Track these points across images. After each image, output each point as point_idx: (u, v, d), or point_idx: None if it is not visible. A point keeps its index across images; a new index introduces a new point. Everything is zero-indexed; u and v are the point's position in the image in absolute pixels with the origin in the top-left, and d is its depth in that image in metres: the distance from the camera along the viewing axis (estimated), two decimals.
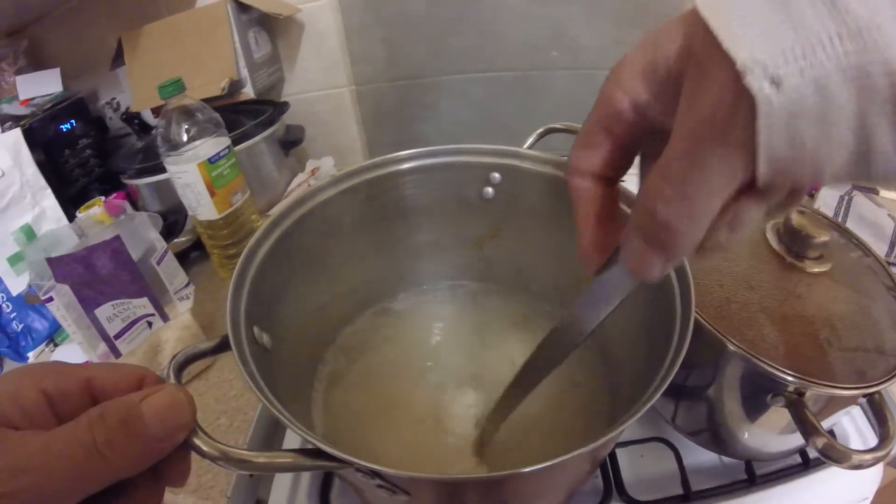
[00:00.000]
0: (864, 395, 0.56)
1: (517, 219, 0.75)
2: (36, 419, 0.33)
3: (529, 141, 0.78)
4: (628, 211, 0.31)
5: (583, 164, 0.34)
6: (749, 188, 0.26)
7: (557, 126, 0.81)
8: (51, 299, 0.74)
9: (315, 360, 0.72)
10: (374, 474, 0.41)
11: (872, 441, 0.71)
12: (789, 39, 0.22)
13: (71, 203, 1.15)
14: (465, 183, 0.74)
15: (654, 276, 0.31)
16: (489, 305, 0.80)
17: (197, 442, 0.36)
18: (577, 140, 0.34)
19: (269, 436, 0.81)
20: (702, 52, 0.25)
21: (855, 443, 0.74)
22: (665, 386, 0.45)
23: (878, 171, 0.23)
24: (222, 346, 0.49)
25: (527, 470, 0.39)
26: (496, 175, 0.73)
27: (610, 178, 0.35)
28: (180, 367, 0.44)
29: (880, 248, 0.94)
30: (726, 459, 0.73)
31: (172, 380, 0.42)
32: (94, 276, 0.75)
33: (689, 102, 0.26)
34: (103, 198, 1.11)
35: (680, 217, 0.27)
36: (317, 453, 0.41)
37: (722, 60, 0.23)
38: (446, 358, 0.75)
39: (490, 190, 0.74)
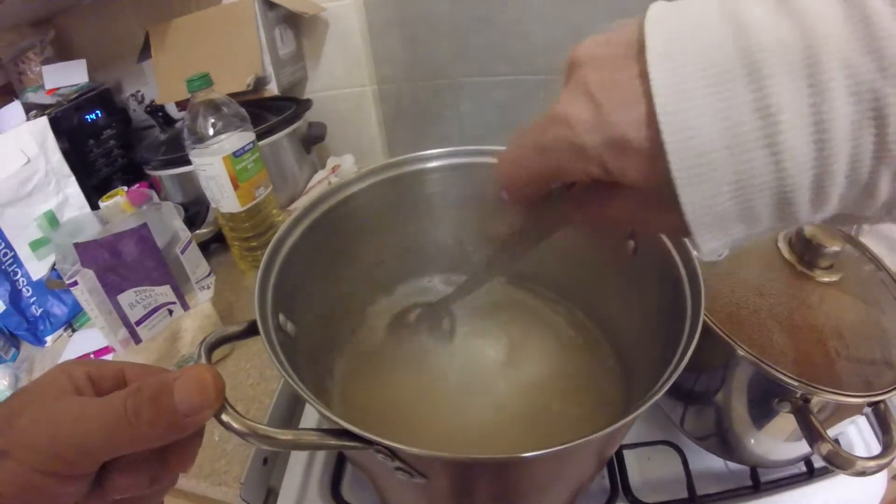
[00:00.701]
0: (870, 404, 0.57)
1: (532, 221, 0.75)
2: (83, 392, 0.37)
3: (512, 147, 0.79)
4: None
5: (525, 193, 0.40)
6: None
7: None
8: (75, 283, 0.76)
9: (335, 350, 0.74)
10: (394, 455, 0.42)
11: (876, 451, 0.72)
12: (740, 233, 0.29)
13: (94, 192, 1.17)
14: (485, 183, 0.74)
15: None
16: (508, 301, 0.81)
17: (226, 418, 0.38)
18: (522, 173, 0.37)
19: (285, 423, 0.82)
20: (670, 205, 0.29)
21: (859, 451, 0.74)
22: (671, 382, 0.45)
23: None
24: (250, 331, 0.50)
25: (544, 452, 0.40)
26: None
27: None
28: (211, 348, 0.45)
29: (893, 261, 0.94)
30: (732, 465, 0.73)
31: (203, 359, 0.43)
32: (120, 262, 0.76)
33: (645, 208, 0.33)
34: (126, 188, 1.13)
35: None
36: (340, 433, 0.42)
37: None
38: (464, 352, 0.76)
39: (506, 192, 0.74)
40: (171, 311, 0.84)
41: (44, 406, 0.35)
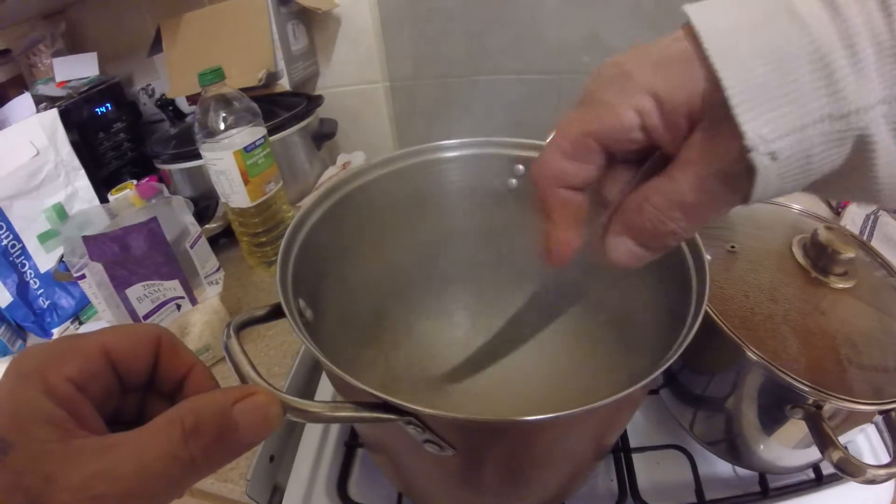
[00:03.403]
0: (881, 412, 0.56)
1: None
2: (74, 410, 0.32)
3: (552, 136, 0.80)
4: None
5: (572, 179, 0.35)
6: None
7: None
8: (83, 276, 0.76)
9: (352, 337, 0.73)
10: (425, 426, 0.42)
11: (884, 458, 0.73)
12: (790, 120, 0.28)
13: (103, 185, 1.17)
14: (493, 173, 0.76)
15: (639, 266, 0.36)
16: (517, 292, 0.81)
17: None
18: (560, 147, 0.35)
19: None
20: (718, 114, 0.29)
21: (867, 460, 0.72)
22: (673, 359, 0.45)
23: (829, 195, 0.35)
24: (274, 314, 0.51)
25: (581, 409, 0.41)
26: (520, 167, 0.75)
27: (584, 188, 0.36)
28: (239, 329, 0.45)
29: None
30: (741, 471, 0.73)
31: (234, 341, 0.43)
32: (128, 256, 0.76)
33: (702, 152, 0.31)
34: (135, 181, 1.13)
35: (682, 231, 0.33)
36: (374, 405, 0.42)
37: (733, 130, 0.28)
38: (476, 334, 0.78)
39: (514, 181, 0.76)
40: (179, 306, 0.84)
41: (59, 457, 0.29)
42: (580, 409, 0.41)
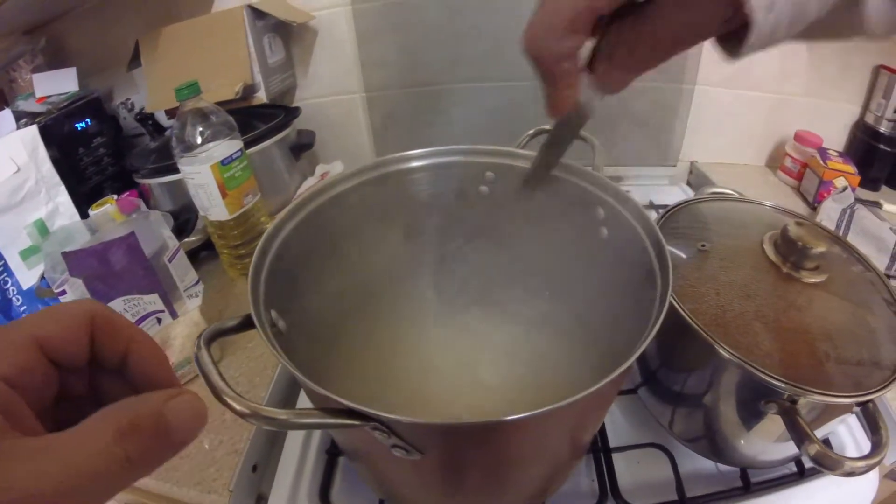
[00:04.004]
0: (858, 404, 0.57)
1: (510, 214, 0.77)
2: (5, 410, 0.30)
3: (522, 141, 0.81)
4: None
5: (568, 49, 0.40)
6: None
7: (548, 128, 0.84)
8: (64, 293, 0.76)
9: (325, 346, 0.73)
10: (390, 431, 0.43)
11: (867, 448, 0.73)
12: None
13: (83, 200, 1.16)
14: (463, 181, 0.77)
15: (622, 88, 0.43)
16: (491, 297, 0.83)
17: (229, 400, 0.39)
18: (556, 26, 0.39)
19: (272, 432, 0.82)
20: None
21: (851, 451, 0.74)
22: (637, 354, 0.45)
23: (814, 39, 0.36)
24: (245, 325, 0.51)
25: (535, 412, 0.41)
26: (490, 174, 0.76)
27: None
28: (209, 341, 0.46)
29: (882, 262, 0.95)
30: (722, 466, 0.73)
31: (204, 351, 0.44)
32: (108, 270, 0.76)
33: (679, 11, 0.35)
34: (115, 196, 1.13)
35: (657, 61, 0.39)
36: (338, 411, 0.42)
37: None
38: (447, 344, 0.79)
39: (485, 188, 0.77)
40: (159, 320, 0.84)
41: None
42: (540, 410, 0.41)
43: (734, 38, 0.36)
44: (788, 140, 1.29)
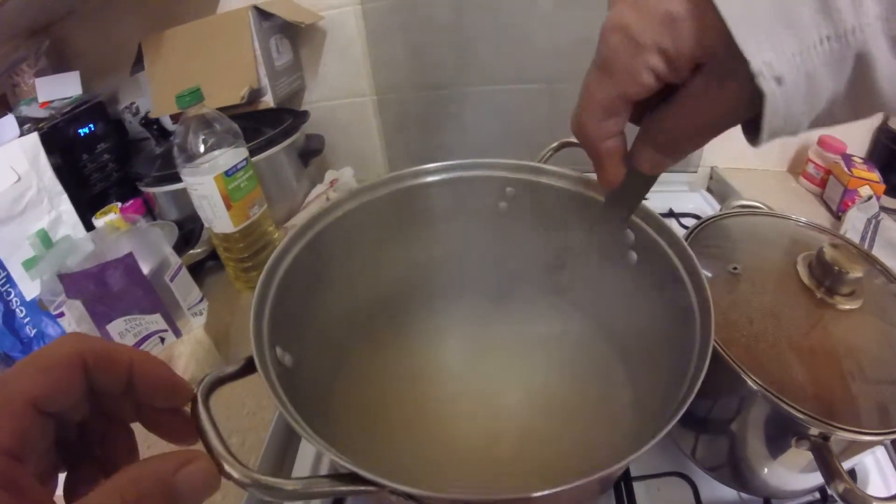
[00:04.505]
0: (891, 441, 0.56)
1: (530, 231, 0.75)
2: (9, 484, 0.29)
3: (545, 155, 0.79)
4: None
5: (609, 131, 0.44)
6: None
7: (573, 140, 0.81)
8: (62, 314, 0.74)
9: (335, 374, 0.72)
10: (409, 497, 0.40)
11: (892, 479, 0.71)
12: (791, 45, 0.32)
13: (88, 207, 1.15)
14: (480, 197, 0.75)
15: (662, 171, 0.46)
16: (506, 318, 0.79)
17: (228, 469, 0.36)
18: (595, 111, 0.42)
19: (281, 456, 0.79)
20: (723, 52, 0.33)
21: (875, 482, 0.72)
22: (676, 419, 0.44)
23: (839, 120, 0.37)
24: (247, 369, 0.48)
25: (557, 489, 0.39)
26: (510, 189, 0.73)
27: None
28: (207, 392, 0.42)
29: None
30: (745, 495, 0.71)
31: (201, 407, 0.40)
32: (106, 292, 0.74)
33: (708, 89, 0.36)
34: (120, 204, 1.11)
35: (693, 145, 0.42)
36: (352, 477, 0.40)
37: (740, 63, 0.32)
38: (465, 368, 0.76)
39: (504, 204, 0.75)
40: (162, 339, 0.82)
41: None
42: (573, 484, 0.39)
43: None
44: (811, 145, 1.25)
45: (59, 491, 0.36)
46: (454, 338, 0.79)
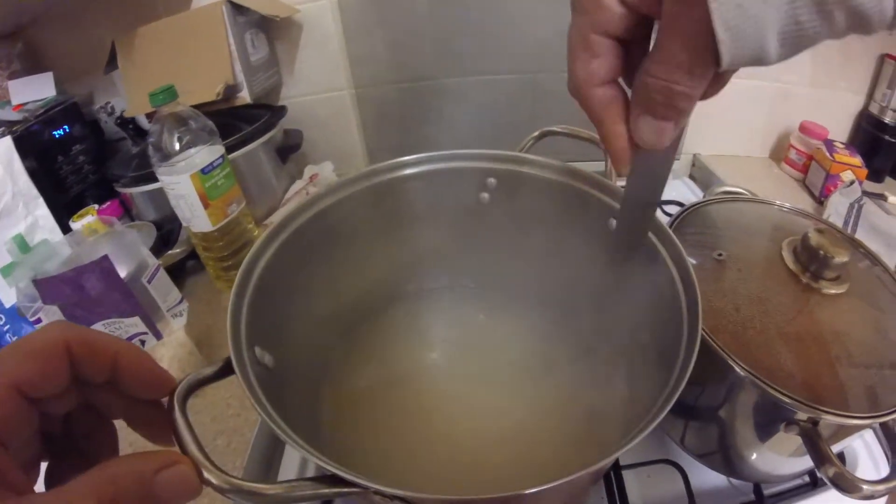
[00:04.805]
0: (880, 424, 0.55)
1: (514, 223, 0.74)
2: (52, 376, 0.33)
3: (526, 144, 0.78)
4: None
5: (599, 75, 0.38)
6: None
7: (555, 129, 0.81)
8: (39, 320, 0.73)
9: (319, 375, 0.71)
10: (395, 498, 0.40)
11: (882, 462, 0.73)
12: None
13: (65, 210, 1.14)
14: (462, 188, 0.74)
15: (668, 142, 0.38)
16: (492, 311, 0.80)
17: (208, 476, 0.35)
18: (578, 55, 0.38)
19: (269, 458, 0.79)
20: None
21: (864, 464, 0.73)
22: (665, 412, 0.44)
23: (807, 33, 0.29)
24: (225, 371, 0.47)
25: (545, 487, 0.39)
26: (492, 180, 0.73)
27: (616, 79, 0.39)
28: (185, 397, 0.41)
29: (891, 259, 0.92)
30: (734, 481, 0.72)
31: (177, 411, 0.40)
32: (83, 297, 0.73)
33: (677, 11, 0.31)
34: (97, 206, 1.09)
35: (689, 89, 0.34)
36: (335, 479, 0.40)
37: None
38: (451, 366, 0.75)
39: (486, 195, 0.74)
40: (143, 342, 0.80)
41: None
42: (562, 480, 0.39)
43: None
44: (792, 131, 1.26)
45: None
46: (439, 336, 0.79)
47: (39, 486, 0.34)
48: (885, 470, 0.68)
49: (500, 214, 0.74)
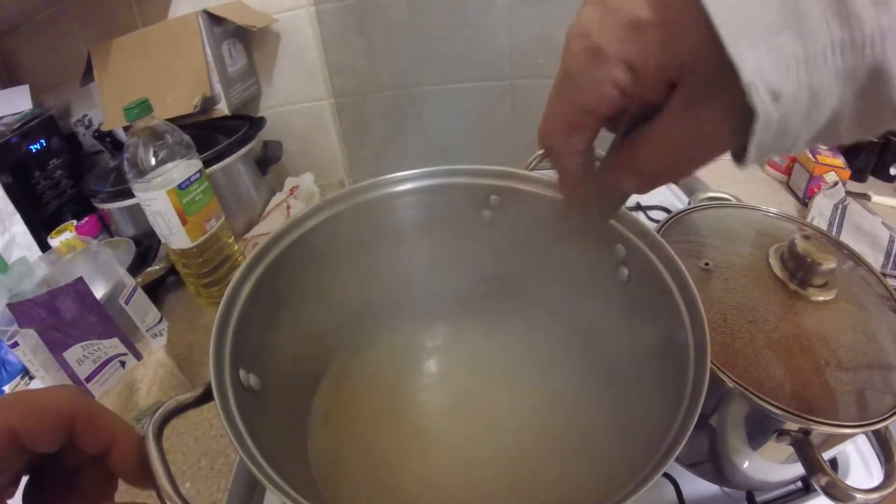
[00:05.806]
0: (871, 431, 0.55)
1: (517, 243, 0.72)
2: None
3: (531, 162, 0.77)
4: None
5: (578, 147, 0.37)
6: None
7: None
8: (16, 344, 0.71)
9: (307, 396, 0.70)
10: None
11: (875, 467, 0.72)
12: (792, 50, 0.25)
13: (42, 226, 1.13)
14: (461, 206, 0.72)
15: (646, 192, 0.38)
16: (488, 331, 0.78)
17: None
18: (559, 123, 0.37)
19: (253, 480, 0.77)
20: (705, 61, 0.27)
21: (857, 469, 0.73)
22: (676, 453, 0.43)
23: (843, 138, 0.29)
24: (206, 397, 0.46)
25: None
26: (495, 197, 0.71)
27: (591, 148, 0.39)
28: (162, 424, 0.41)
29: (877, 260, 0.92)
30: (727, 489, 0.71)
31: (152, 443, 0.39)
32: (59, 320, 0.71)
33: (688, 109, 0.30)
34: (75, 222, 1.08)
35: (679, 175, 0.35)
36: None
37: (727, 74, 0.25)
38: (443, 389, 0.74)
39: (488, 213, 0.72)
40: (123, 363, 0.79)
41: None
42: None
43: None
44: None
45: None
46: (432, 360, 0.77)
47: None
48: (877, 474, 0.69)
49: (503, 233, 0.72)
